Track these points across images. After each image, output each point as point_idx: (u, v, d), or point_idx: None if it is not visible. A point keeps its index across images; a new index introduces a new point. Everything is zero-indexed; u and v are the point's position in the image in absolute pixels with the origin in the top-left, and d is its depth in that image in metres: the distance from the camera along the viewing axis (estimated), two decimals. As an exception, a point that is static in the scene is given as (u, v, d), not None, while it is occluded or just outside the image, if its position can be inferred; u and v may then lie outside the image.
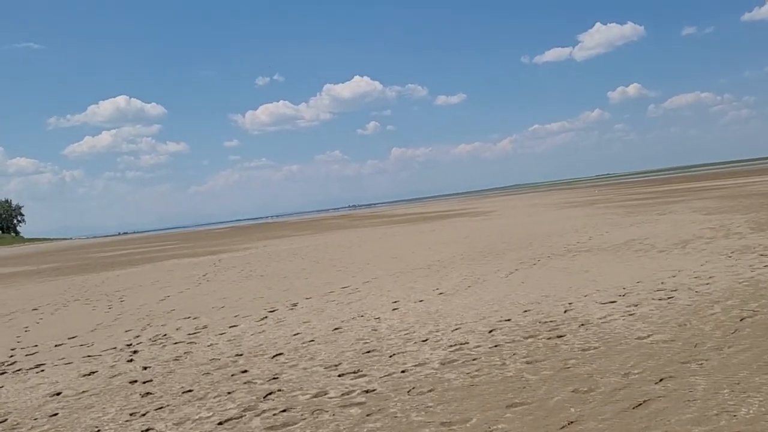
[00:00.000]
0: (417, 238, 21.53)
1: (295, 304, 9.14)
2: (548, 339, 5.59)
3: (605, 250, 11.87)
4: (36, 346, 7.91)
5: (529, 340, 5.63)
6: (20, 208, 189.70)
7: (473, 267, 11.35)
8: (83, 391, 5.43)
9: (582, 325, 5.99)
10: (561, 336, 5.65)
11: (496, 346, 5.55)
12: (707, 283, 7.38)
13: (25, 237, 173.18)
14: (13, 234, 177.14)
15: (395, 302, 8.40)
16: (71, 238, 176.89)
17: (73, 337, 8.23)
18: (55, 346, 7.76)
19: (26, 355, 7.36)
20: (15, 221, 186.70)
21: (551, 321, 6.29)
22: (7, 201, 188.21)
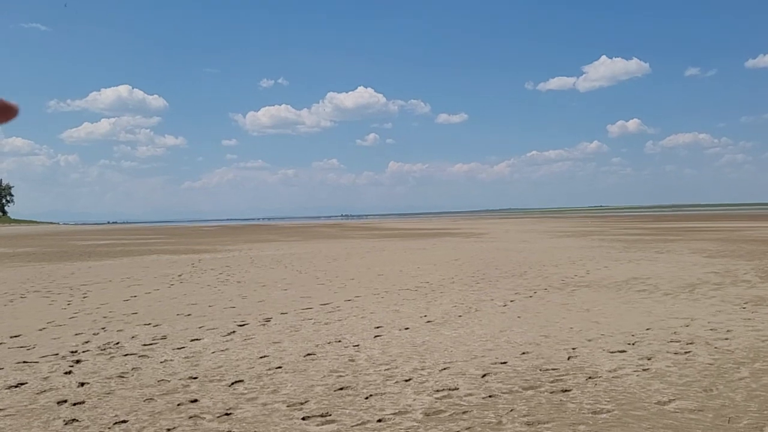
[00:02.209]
0: (406, 255, 20.73)
1: (268, 319, 8.31)
2: (551, 393, 4.80)
3: (606, 287, 11.11)
4: (-28, 343, 7.03)
5: (530, 392, 4.84)
6: (10, 188, 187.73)
7: (465, 293, 10.56)
8: (-1, 410, 4.59)
9: (590, 378, 5.20)
10: (566, 390, 4.85)
11: (490, 396, 4.75)
12: (726, 339, 6.62)
13: (12, 218, 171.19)
14: (0, 214, 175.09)
15: (378, 327, 7.59)
16: (58, 223, 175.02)
17: (16, 336, 7.36)
18: (-7, 345, 6.90)
19: (-44, 354, 6.50)
20: (3, 201, 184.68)
21: (553, 369, 5.50)
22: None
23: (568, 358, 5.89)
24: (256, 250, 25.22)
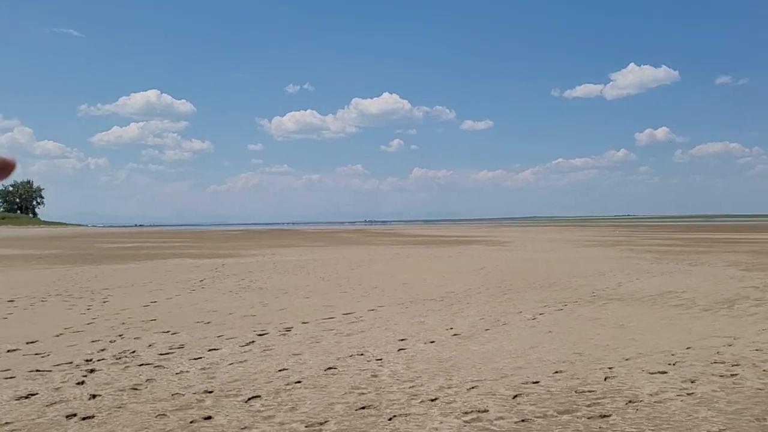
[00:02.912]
0: (430, 263, 20.39)
1: (289, 329, 8.06)
2: (589, 419, 4.45)
3: (639, 300, 10.67)
4: (-13, 348, 6.89)
5: (566, 417, 4.50)
6: (41, 190, 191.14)
7: (492, 304, 10.21)
8: (5, 423, 4.38)
9: (630, 402, 4.84)
10: (605, 416, 4.50)
11: (523, 420, 4.42)
12: (774, 360, 6.19)
13: (42, 219, 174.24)
14: (30, 215, 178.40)
15: (402, 340, 7.29)
16: (87, 225, 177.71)
17: (33, 342, 7.20)
18: (8, 351, 6.74)
19: (-31, 360, 6.34)
20: (34, 203, 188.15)
21: (590, 391, 5.15)
22: (28, 182, 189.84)
23: (605, 379, 5.53)
24: (280, 255, 25.08)
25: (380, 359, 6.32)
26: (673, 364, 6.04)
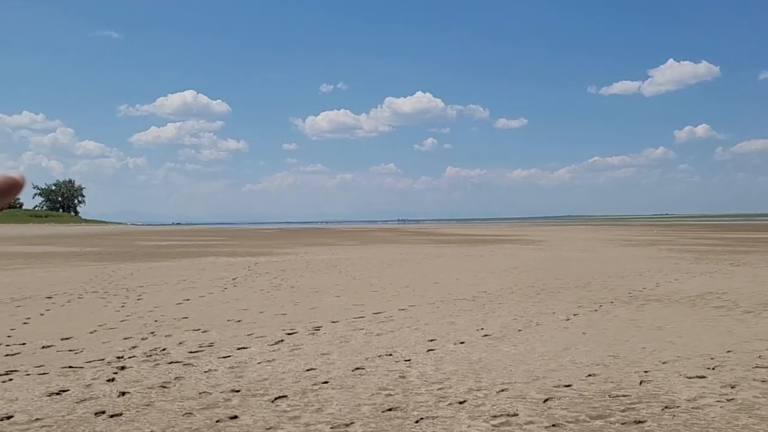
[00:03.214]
0: (463, 263, 20.22)
1: (318, 328, 8.04)
2: (623, 424, 4.30)
3: (678, 302, 10.38)
4: (23, 344, 7.01)
5: (598, 422, 4.35)
6: (82, 189, 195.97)
7: (524, 305, 10.04)
8: (36, 419, 4.42)
9: (666, 407, 4.67)
10: (640, 422, 4.35)
11: (554, 425, 4.29)
12: (821, 365, 5.93)
13: (83, 218, 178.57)
14: (72, 214, 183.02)
15: (431, 340, 7.19)
16: (126, 224, 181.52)
17: (67, 339, 7.32)
18: (42, 347, 6.85)
19: (5, 355, 6.46)
20: (76, 201, 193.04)
21: (624, 395, 4.98)
22: (70, 181, 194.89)
23: (641, 383, 5.35)
24: (312, 254, 25.18)
25: (409, 360, 6.24)
26: (713, 368, 5.82)
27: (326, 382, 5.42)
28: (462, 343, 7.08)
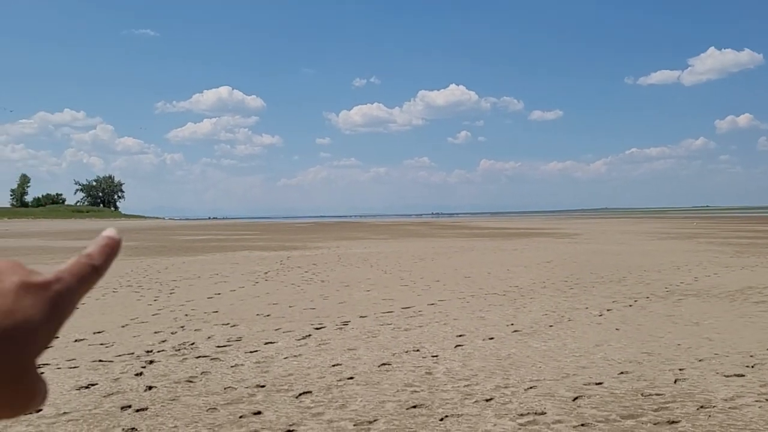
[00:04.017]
0: (495, 256, 20.01)
1: (346, 323, 8.00)
2: (656, 424, 4.15)
3: (716, 296, 10.06)
4: (56, 338, 7.11)
5: (629, 422, 4.21)
6: (121, 185, 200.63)
7: (556, 300, 9.85)
8: (63, 413, 4.48)
9: (702, 407, 4.50)
10: (674, 422, 4.19)
11: (582, 425, 4.17)
12: None
13: (123, 213, 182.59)
14: (112, 209, 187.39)
15: (460, 336, 7.09)
16: (164, 218, 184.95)
17: (99, 332, 7.42)
18: (75, 341, 6.96)
19: (39, 349, 6.58)
20: (116, 197, 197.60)
21: (658, 394, 4.82)
22: (110, 177, 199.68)
23: (675, 381, 5.18)
24: (344, 248, 25.23)
25: (436, 356, 6.15)
26: (752, 367, 5.61)
27: (351, 378, 5.37)
28: (491, 338, 6.97)
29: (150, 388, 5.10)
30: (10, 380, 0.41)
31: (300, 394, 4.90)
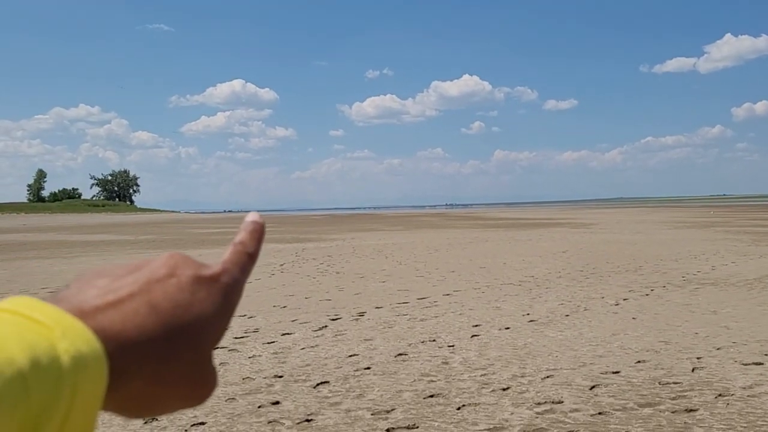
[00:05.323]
0: (510, 246, 19.96)
1: (362, 314, 8.04)
2: (673, 413, 4.15)
3: (734, 285, 9.99)
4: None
5: (647, 410, 4.21)
6: (137, 178, 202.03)
7: (573, 289, 9.83)
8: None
9: (720, 395, 4.49)
10: (692, 410, 4.19)
11: (600, 413, 4.17)
12: None
13: (138, 206, 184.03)
14: (127, 203, 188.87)
15: (476, 326, 7.11)
16: (179, 212, 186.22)
17: (119, 325, 7.52)
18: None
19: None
20: (131, 191, 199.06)
21: (675, 383, 4.81)
22: (125, 171, 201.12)
23: (693, 370, 5.16)
24: (359, 239, 25.28)
25: (452, 346, 6.17)
26: (771, 355, 5.57)
27: (368, 368, 5.41)
28: (507, 328, 6.97)
29: (170, 378, 5.16)
30: (192, 372, 0.42)
31: (317, 384, 4.94)
